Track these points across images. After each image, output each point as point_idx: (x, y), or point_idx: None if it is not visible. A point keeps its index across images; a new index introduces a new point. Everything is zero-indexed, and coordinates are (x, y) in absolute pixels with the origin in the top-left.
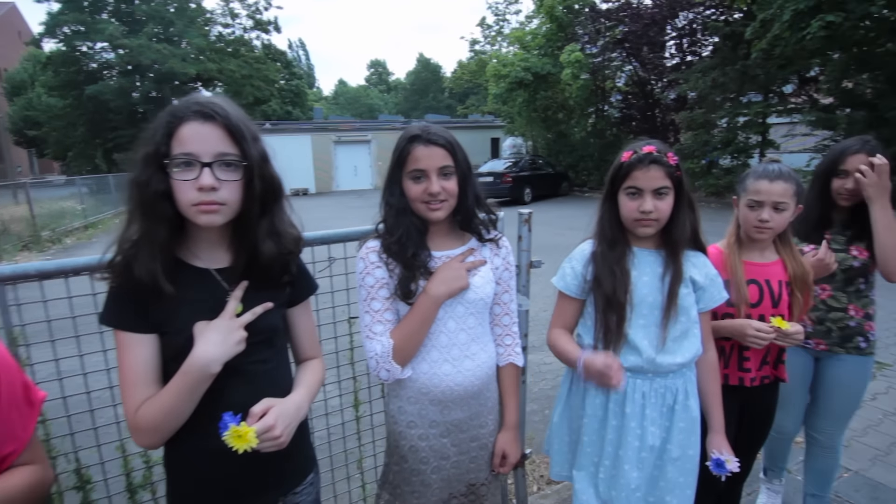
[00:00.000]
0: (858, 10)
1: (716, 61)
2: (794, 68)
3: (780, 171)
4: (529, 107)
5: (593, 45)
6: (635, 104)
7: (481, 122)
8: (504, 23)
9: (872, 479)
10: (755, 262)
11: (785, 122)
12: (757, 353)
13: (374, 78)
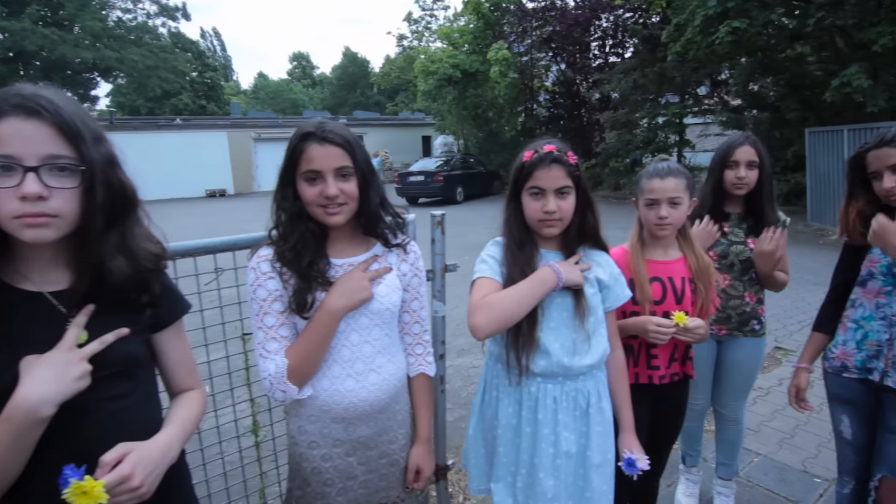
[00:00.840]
0: (761, 18)
1: (636, 63)
2: (707, 71)
3: (669, 168)
4: (459, 104)
5: (521, 44)
6: (562, 103)
7: (412, 119)
8: (432, 18)
9: (780, 461)
10: (658, 260)
11: (699, 123)
12: (665, 350)
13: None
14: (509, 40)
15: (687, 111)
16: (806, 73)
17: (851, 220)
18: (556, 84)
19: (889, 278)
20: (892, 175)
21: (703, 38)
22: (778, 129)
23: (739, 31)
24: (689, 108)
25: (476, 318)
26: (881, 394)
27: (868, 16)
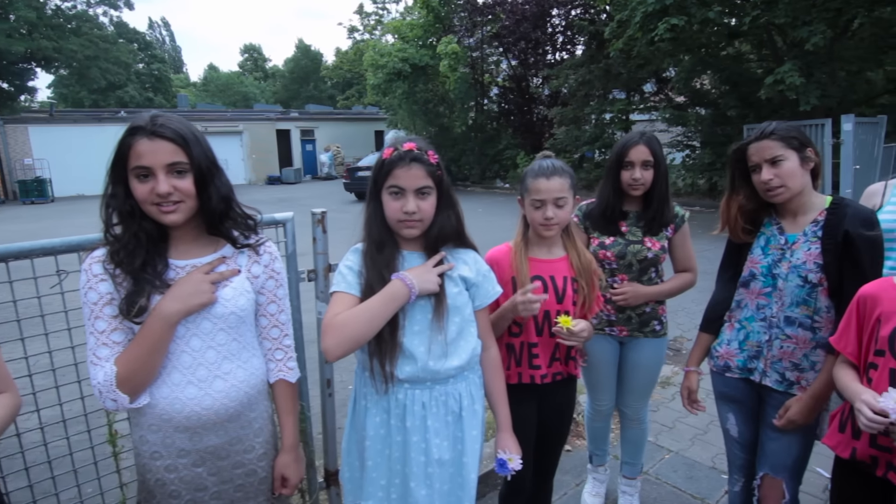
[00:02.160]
0: (699, 15)
1: (583, 59)
2: (652, 68)
3: (553, 168)
4: (410, 99)
5: (471, 39)
6: (513, 99)
7: (365, 114)
8: (384, 12)
9: (690, 458)
10: (541, 259)
11: (646, 119)
12: (545, 350)
13: (249, 64)
14: (459, 34)
15: (633, 108)
16: (745, 70)
17: (733, 215)
18: (507, 79)
19: (769, 279)
20: (769, 168)
21: (644, 34)
22: (719, 125)
23: (678, 28)
24: (636, 105)
25: (326, 340)
26: (762, 392)
27: (801, 14)
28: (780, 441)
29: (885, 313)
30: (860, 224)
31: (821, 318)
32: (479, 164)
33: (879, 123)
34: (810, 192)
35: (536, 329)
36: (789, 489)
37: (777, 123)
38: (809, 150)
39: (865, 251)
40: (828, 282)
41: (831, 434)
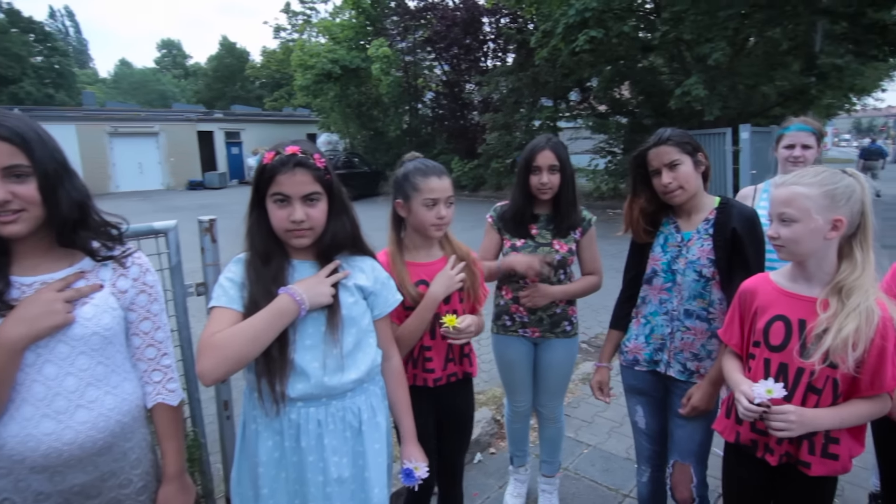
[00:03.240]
0: (616, 28)
1: (513, 67)
2: (575, 78)
3: (438, 167)
4: (342, 101)
5: (403, 42)
6: (446, 104)
7: (296, 116)
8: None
9: (607, 451)
10: (421, 262)
11: (571, 126)
12: (439, 351)
13: (167, 61)
14: (391, 38)
15: (560, 115)
16: (658, 82)
17: (635, 218)
18: (440, 84)
19: (669, 275)
20: (669, 172)
21: (567, 45)
22: (637, 133)
23: (597, 41)
24: (562, 113)
25: (202, 362)
26: (668, 383)
27: (704, 32)
28: (686, 428)
29: (762, 306)
30: (745, 222)
31: (714, 309)
32: None
33: (772, 133)
34: (702, 193)
35: (430, 332)
36: (696, 473)
37: (671, 130)
38: (700, 154)
39: (750, 247)
40: (719, 275)
41: (719, 419)
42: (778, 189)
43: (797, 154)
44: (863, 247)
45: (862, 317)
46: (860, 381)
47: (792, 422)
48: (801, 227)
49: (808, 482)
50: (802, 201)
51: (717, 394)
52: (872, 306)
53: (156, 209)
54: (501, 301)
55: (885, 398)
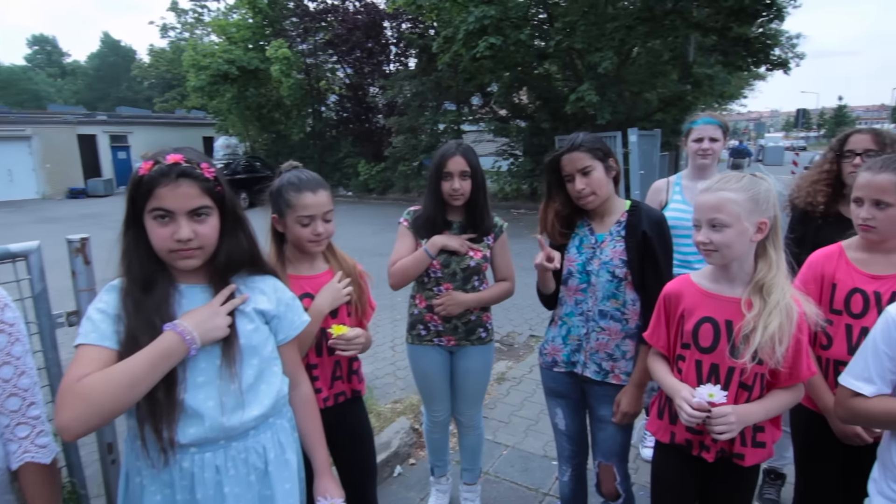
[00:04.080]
0: (513, 36)
1: (416, 71)
2: (477, 83)
3: (316, 180)
4: (241, 104)
5: (303, 44)
6: (351, 107)
7: (190, 118)
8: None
9: (525, 450)
10: (305, 276)
11: (475, 130)
12: (325, 369)
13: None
14: (291, 39)
15: (463, 119)
16: (553, 88)
17: (550, 221)
18: (344, 87)
19: (584, 276)
20: (582, 178)
21: (468, 51)
22: (536, 136)
23: (496, 47)
24: (465, 117)
25: (62, 415)
26: (585, 385)
27: (594, 41)
28: (607, 431)
29: (688, 309)
30: (654, 224)
31: (628, 310)
32: (319, 171)
33: (656, 136)
34: (614, 197)
35: (316, 349)
36: (620, 471)
37: (584, 135)
38: (611, 159)
39: (659, 248)
40: (632, 276)
41: (652, 421)
42: (705, 195)
43: (706, 146)
44: (775, 246)
45: (783, 314)
46: (780, 373)
47: (732, 423)
48: (732, 231)
49: (740, 472)
50: (732, 206)
51: (642, 396)
52: (790, 303)
53: (30, 220)
54: (415, 310)
55: (800, 387)
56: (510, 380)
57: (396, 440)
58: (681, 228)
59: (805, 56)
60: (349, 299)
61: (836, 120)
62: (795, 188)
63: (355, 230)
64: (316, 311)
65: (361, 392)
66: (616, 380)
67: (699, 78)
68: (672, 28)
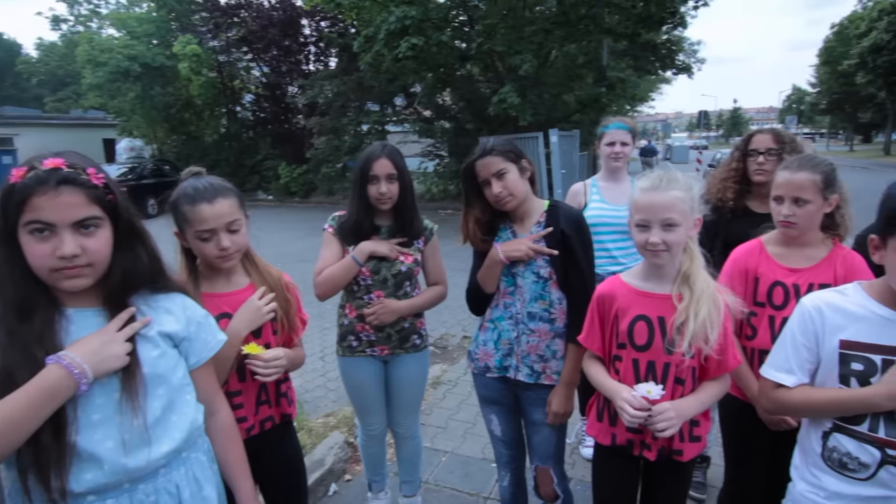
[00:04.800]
0: (435, 37)
1: (337, 71)
2: (400, 83)
3: (214, 188)
4: (145, 103)
5: (214, 41)
6: (268, 108)
7: (87, 119)
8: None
9: (464, 454)
10: (221, 293)
11: (400, 131)
12: (249, 393)
13: None
14: (200, 35)
15: (387, 120)
16: (476, 89)
17: (471, 228)
18: (260, 86)
19: (510, 279)
20: (498, 182)
21: (390, 51)
22: (461, 137)
23: (418, 48)
24: (390, 117)
25: None
26: (517, 389)
27: (513, 44)
28: (542, 434)
29: (622, 308)
30: (572, 223)
31: (555, 309)
32: (236, 175)
33: (575, 136)
34: (532, 198)
35: (238, 374)
36: (556, 472)
37: (494, 139)
38: (524, 160)
39: (579, 245)
40: (556, 275)
41: (591, 424)
42: (656, 195)
43: (618, 150)
44: (693, 238)
45: (711, 301)
46: (709, 365)
47: (672, 418)
48: (682, 230)
49: (678, 467)
50: (682, 206)
51: (572, 395)
52: (714, 292)
53: None
54: (345, 321)
55: (728, 377)
56: (446, 383)
57: (330, 457)
58: (603, 226)
59: (705, 61)
60: (273, 316)
61: (732, 121)
62: (706, 186)
63: (278, 236)
64: (233, 333)
65: (292, 415)
66: (548, 380)
67: (613, 81)
68: (586, 33)
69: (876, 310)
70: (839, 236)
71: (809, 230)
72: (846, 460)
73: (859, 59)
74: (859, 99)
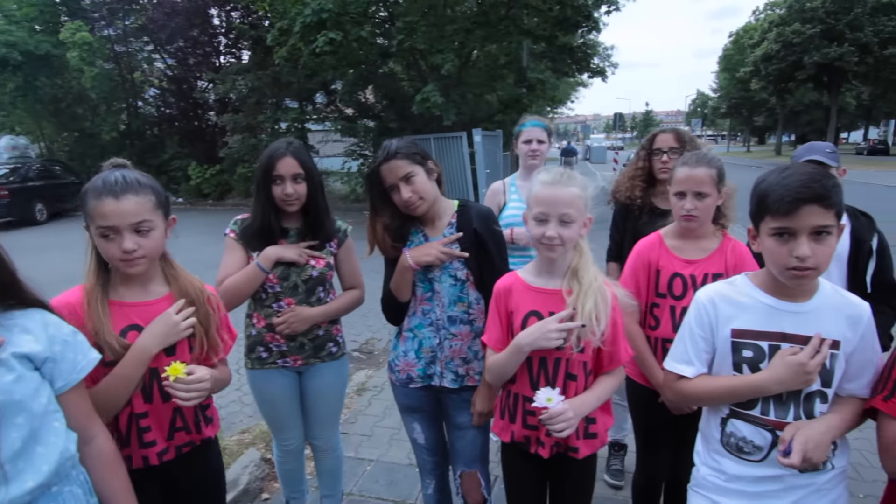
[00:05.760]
0: (354, 33)
1: (250, 65)
2: (320, 79)
3: (126, 182)
4: (29, 96)
5: (110, 28)
6: (175, 103)
7: None
8: None
9: (389, 461)
10: (134, 302)
11: (321, 129)
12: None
13: None
14: (93, 22)
15: (307, 117)
16: (399, 87)
17: (380, 236)
18: (165, 80)
19: (427, 284)
20: (406, 186)
21: (306, 45)
22: (384, 136)
23: (336, 43)
24: (310, 115)
25: None
26: (441, 395)
27: (435, 43)
28: (466, 438)
29: (516, 304)
30: (483, 221)
31: (474, 310)
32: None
33: (498, 136)
34: (441, 199)
35: (144, 394)
36: (483, 476)
37: (397, 142)
38: (430, 161)
39: (492, 244)
40: (472, 276)
41: (495, 422)
42: (554, 189)
43: (534, 148)
44: (583, 235)
45: (598, 293)
46: (602, 360)
47: (570, 419)
48: (577, 226)
49: (578, 465)
50: (579, 202)
51: (493, 394)
52: (602, 285)
53: None
54: (253, 331)
55: (622, 370)
56: (371, 389)
57: (245, 476)
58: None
59: (619, 66)
60: (192, 332)
61: (644, 123)
62: (616, 184)
63: (190, 240)
64: (138, 351)
65: (212, 436)
66: (471, 382)
67: (532, 82)
68: (506, 34)
69: (761, 298)
70: (725, 227)
71: (706, 222)
72: (742, 444)
73: (753, 67)
74: (754, 104)
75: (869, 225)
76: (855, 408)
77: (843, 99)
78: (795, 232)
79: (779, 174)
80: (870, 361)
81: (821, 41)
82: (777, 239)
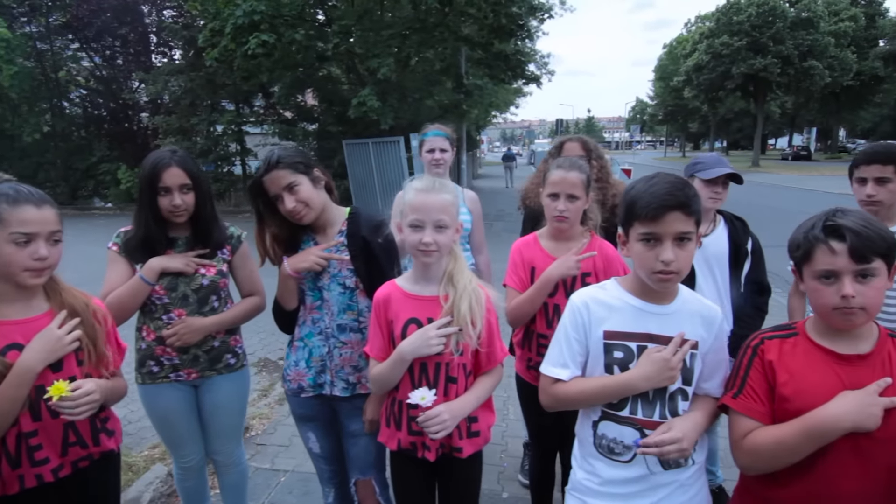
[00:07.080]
0: (288, 35)
1: (182, 66)
2: (256, 82)
3: (38, 195)
4: None
5: (32, 25)
6: (103, 104)
7: None
8: None
9: (306, 471)
10: (13, 320)
11: (259, 133)
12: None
13: None
14: (11, 18)
15: (244, 120)
16: (338, 91)
17: (269, 246)
18: (92, 80)
19: (316, 293)
20: (290, 195)
21: (238, 47)
22: (324, 139)
23: (270, 45)
24: (247, 118)
25: None
26: (333, 403)
27: (371, 47)
28: (359, 445)
29: (395, 313)
30: (372, 229)
31: (364, 318)
32: (66, 180)
33: None
34: (331, 207)
35: (31, 412)
36: (378, 483)
37: (279, 151)
38: (316, 170)
39: (381, 253)
40: (363, 284)
41: (382, 431)
42: (430, 196)
43: (437, 157)
44: (456, 241)
45: (472, 296)
46: (480, 360)
47: (445, 420)
48: (451, 231)
49: (463, 464)
50: (451, 209)
51: (383, 401)
52: (476, 288)
53: None
54: (143, 344)
55: (500, 369)
56: (281, 396)
57: (148, 493)
58: None
59: (555, 73)
60: (77, 346)
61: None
62: (524, 190)
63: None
64: (21, 369)
65: (114, 448)
66: (364, 389)
67: (470, 88)
68: (442, 39)
69: (629, 300)
70: (590, 228)
71: (576, 224)
72: (613, 445)
73: (686, 77)
74: (689, 111)
75: (743, 228)
76: (710, 406)
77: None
78: (661, 237)
79: (646, 182)
80: (722, 361)
81: (747, 53)
82: (644, 244)
